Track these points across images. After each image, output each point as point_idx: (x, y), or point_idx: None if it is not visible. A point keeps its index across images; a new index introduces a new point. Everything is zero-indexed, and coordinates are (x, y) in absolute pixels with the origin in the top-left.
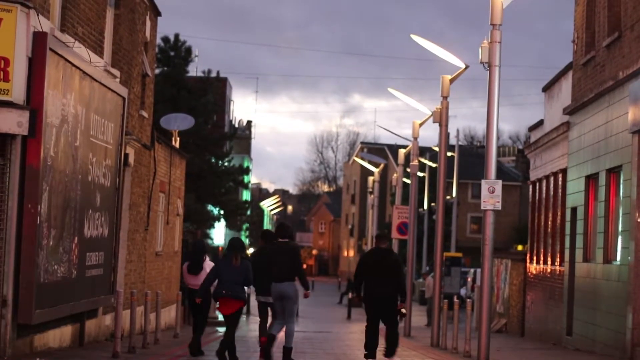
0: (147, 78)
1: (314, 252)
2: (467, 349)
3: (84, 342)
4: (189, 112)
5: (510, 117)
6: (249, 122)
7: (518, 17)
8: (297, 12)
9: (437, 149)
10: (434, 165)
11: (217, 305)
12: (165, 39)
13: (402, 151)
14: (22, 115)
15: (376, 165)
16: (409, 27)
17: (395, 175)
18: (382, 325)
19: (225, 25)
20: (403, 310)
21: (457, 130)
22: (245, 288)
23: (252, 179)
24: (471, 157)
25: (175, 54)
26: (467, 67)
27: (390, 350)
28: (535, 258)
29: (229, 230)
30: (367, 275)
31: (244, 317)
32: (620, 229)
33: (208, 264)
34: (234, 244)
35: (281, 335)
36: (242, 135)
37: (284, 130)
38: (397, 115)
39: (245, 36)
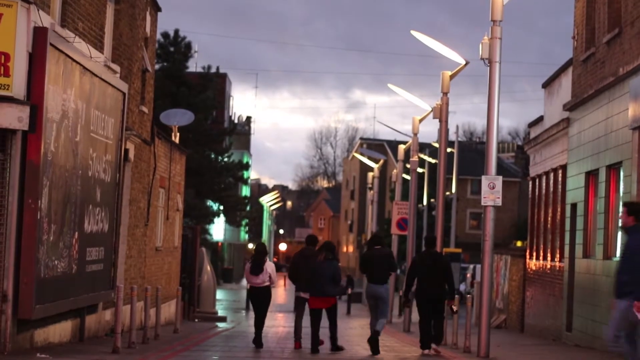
0: (147, 74)
1: None
2: (467, 345)
3: (84, 337)
4: (188, 107)
5: (511, 113)
6: (249, 118)
7: (520, 13)
8: (299, 8)
9: (436, 145)
10: (433, 161)
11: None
12: (165, 35)
13: (401, 147)
14: (22, 110)
15: (375, 161)
16: (411, 23)
17: (394, 171)
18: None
19: (226, 20)
20: (454, 307)
21: (457, 127)
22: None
23: (252, 174)
24: (470, 153)
25: (175, 49)
26: (467, 63)
27: (438, 339)
28: (534, 254)
29: (228, 226)
30: (420, 277)
31: (243, 313)
32: (620, 225)
33: (268, 265)
34: (324, 245)
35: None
36: (241, 131)
37: (284, 126)
38: (398, 111)
39: (247, 31)
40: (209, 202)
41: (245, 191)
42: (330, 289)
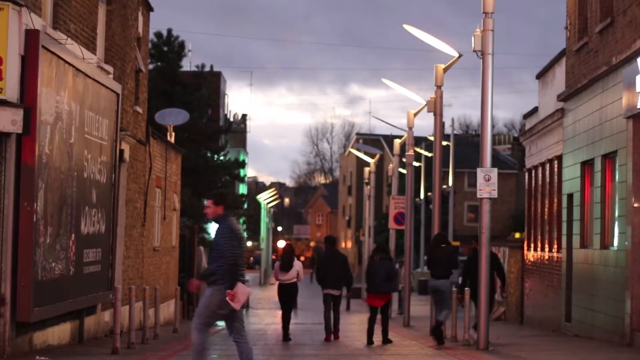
0: (141, 74)
1: (312, 244)
2: (467, 338)
3: (84, 338)
4: (183, 106)
5: (511, 105)
6: (244, 116)
7: (517, 3)
8: (295, 3)
9: (432, 138)
10: (429, 154)
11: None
12: (158, 34)
13: (397, 141)
14: (16, 113)
15: (372, 156)
16: (408, 16)
17: (391, 165)
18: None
19: (221, 17)
20: (503, 295)
21: (452, 120)
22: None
23: (250, 172)
24: (467, 146)
25: (169, 49)
26: (460, 55)
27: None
28: (532, 245)
29: None
30: (473, 274)
31: (244, 311)
32: (616, 214)
33: (296, 263)
34: (378, 247)
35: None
36: (237, 129)
37: (282, 123)
38: (397, 105)
39: (242, 28)
40: (206, 201)
41: (243, 189)
42: (386, 287)
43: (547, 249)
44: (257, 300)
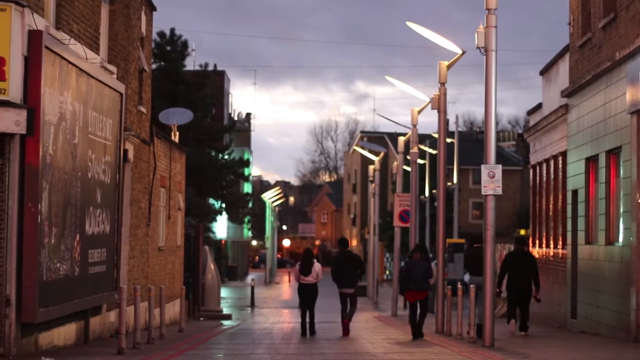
0: (144, 73)
1: (317, 242)
2: (472, 335)
3: (89, 339)
4: (187, 106)
5: (517, 101)
6: (248, 115)
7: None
8: (300, 0)
9: (436, 135)
10: (434, 152)
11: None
12: (161, 34)
13: (401, 139)
14: (19, 114)
15: (376, 153)
16: (414, 12)
17: (395, 163)
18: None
19: (225, 15)
20: (538, 297)
21: (456, 117)
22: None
23: (254, 171)
24: (471, 143)
25: (172, 48)
26: (463, 52)
27: (524, 325)
28: (537, 242)
29: (231, 224)
30: (510, 272)
31: (248, 310)
32: (621, 210)
33: (316, 265)
34: (418, 246)
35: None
36: (241, 128)
37: (287, 121)
38: (403, 102)
39: (246, 26)
40: (211, 200)
41: (247, 188)
42: (423, 284)
43: (552, 246)
44: (263, 300)
